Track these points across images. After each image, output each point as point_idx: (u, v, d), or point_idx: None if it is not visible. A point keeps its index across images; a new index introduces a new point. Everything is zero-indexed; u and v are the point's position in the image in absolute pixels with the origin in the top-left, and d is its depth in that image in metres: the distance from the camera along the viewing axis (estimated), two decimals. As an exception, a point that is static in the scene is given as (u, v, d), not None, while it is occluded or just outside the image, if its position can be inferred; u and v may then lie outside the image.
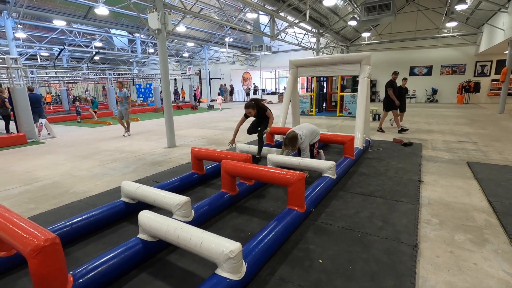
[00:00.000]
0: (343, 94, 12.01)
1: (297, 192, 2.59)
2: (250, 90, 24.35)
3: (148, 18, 5.90)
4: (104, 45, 18.67)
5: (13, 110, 7.60)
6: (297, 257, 2.14)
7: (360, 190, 3.53)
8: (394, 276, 1.95)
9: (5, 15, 9.93)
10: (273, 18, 10.65)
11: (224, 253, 1.62)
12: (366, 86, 5.75)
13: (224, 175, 2.98)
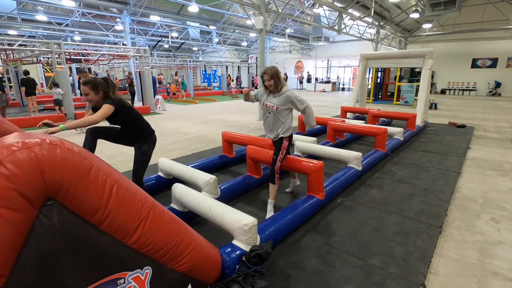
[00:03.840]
0: (401, 84, 12.94)
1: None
2: (303, 78, 25.65)
3: (254, 20, 7.77)
4: (179, 34, 21.38)
5: (141, 88, 10.21)
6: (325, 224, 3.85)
7: (420, 149, 5.07)
8: (444, 182, 3.57)
9: (125, 13, 12.67)
10: (341, 14, 11.93)
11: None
12: (428, 77, 7.03)
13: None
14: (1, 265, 0.87)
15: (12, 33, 17.63)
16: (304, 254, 2.16)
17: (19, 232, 0.90)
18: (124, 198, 1.19)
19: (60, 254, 1.00)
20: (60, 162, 0.98)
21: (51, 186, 0.96)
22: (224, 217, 2.02)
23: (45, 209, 0.96)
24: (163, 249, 1.36)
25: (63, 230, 1.01)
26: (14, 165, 0.89)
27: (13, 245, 0.89)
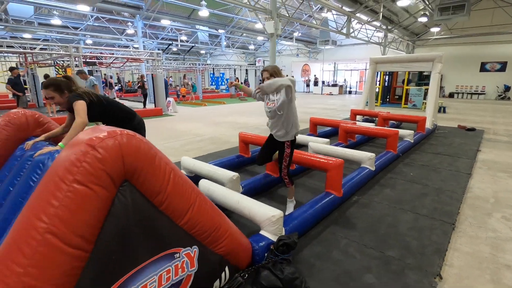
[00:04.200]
0: (409, 87, 13.00)
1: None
2: (310, 81, 25.79)
3: (266, 25, 7.98)
4: (188, 38, 21.74)
5: (154, 90, 10.47)
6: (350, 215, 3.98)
7: (430, 151, 5.17)
8: (456, 182, 3.68)
9: (138, 18, 13.00)
10: (349, 19, 12.08)
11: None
12: (437, 81, 7.12)
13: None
14: (91, 234, 1.05)
15: (27, 36, 18.15)
16: (325, 246, 2.31)
17: (104, 206, 1.08)
18: (179, 184, 1.36)
19: (131, 228, 1.17)
20: (135, 149, 1.16)
21: (128, 170, 1.14)
22: (252, 210, 2.18)
23: (122, 189, 1.14)
24: (206, 232, 1.52)
25: (134, 208, 1.18)
26: (104, 150, 1.07)
27: (99, 217, 1.07)
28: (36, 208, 0.99)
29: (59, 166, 1.05)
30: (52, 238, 0.96)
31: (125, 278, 1.14)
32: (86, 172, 1.03)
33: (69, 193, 1.00)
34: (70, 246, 0.99)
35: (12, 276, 0.91)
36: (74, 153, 1.05)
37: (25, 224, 0.98)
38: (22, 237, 0.96)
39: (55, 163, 1.09)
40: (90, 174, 1.04)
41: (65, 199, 0.99)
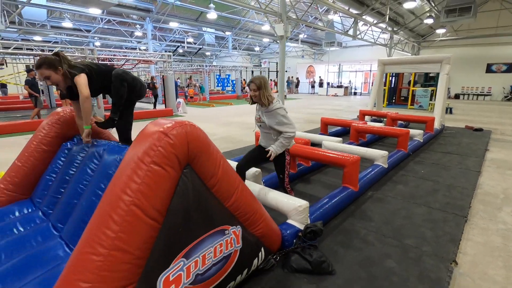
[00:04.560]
0: (415, 89, 13.11)
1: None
2: (315, 82, 25.92)
3: (276, 28, 8.17)
4: (195, 40, 22.01)
5: (164, 91, 10.70)
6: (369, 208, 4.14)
7: (440, 150, 5.31)
8: (466, 179, 3.82)
9: (147, 20, 13.28)
10: (356, 21, 12.24)
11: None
12: (445, 82, 7.25)
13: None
14: (163, 208, 1.23)
15: (37, 38, 18.54)
16: (346, 235, 2.48)
17: (173, 185, 1.27)
18: (227, 170, 1.55)
19: (190, 206, 1.36)
20: (197, 137, 1.35)
21: (190, 155, 1.33)
22: (279, 201, 2.36)
23: (185, 171, 1.33)
24: (246, 215, 1.70)
25: (193, 189, 1.37)
26: (175, 136, 1.26)
27: (169, 195, 1.26)
28: (121, 184, 1.18)
29: (138, 150, 1.24)
30: (136, 209, 1.15)
31: (188, 248, 1.33)
32: (161, 155, 1.22)
33: (148, 172, 1.19)
34: (149, 217, 1.18)
35: (107, 240, 1.10)
36: (150, 139, 1.24)
37: (114, 197, 1.16)
38: (112, 208, 1.14)
39: (133, 147, 1.28)
40: (164, 156, 1.23)
41: (145, 177, 1.18)
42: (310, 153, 3.39)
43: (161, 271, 1.23)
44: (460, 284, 1.92)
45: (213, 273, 1.44)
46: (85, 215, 1.57)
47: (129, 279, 1.13)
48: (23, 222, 1.82)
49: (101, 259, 1.07)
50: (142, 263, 1.17)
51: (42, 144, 2.20)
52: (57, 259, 1.48)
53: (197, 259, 1.35)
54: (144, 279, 1.17)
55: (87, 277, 1.05)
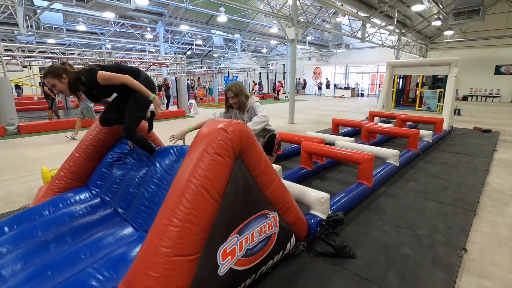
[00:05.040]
0: (423, 90, 13.22)
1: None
2: (322, 84, 26.09)
3: (287, 31, 8.41)
4: (204, 42, 22.38)
5: (177, 92, 11.02)
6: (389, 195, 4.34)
7: (448, 150, 5.49)
8: (474, 177, 4.01)
9: (160, 24, 13.65)
10: (365, 24, 12.42)
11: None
12: (454, 84, 7.40)
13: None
14: (222, 191, 1.48)
15: (51, 41, 19.08)
16: (363, 226, 2.70)
17: (229, 173, 1.53)
18: (267, 164, 1.80)
19: (240, 191, 1.60)
20: (246, 134, 1.61)
21: (242, 148, 1.59)
22: (302, 194, 2.59)
23: (237, 162, 1.59)
24: (281, 203, 1.94)
25: (243, 177, 1.62)
26: (232, 132, 1.52)
27: (226, 180, 1.51)
28: (190, 170, 1.43)
29: (202, 142, 1.49)
30: (203, 190, 1.40)
31: (241, 226, 1.58)
32: (222, 147, 1.47)
33: (212, 160, 1.44)
34: (212, 198, 1.43)
35: (182, 214, 1.34)
36: (213, 134, 1.50)
37: (185, 181, 1.41)
38: (184, 189, 1.39)
39: (198, 139, 1.54)
40: (224, 148, 1.48)
41: (209, 164, 1.43)
42: (326, 151, 3.62)
43: (220, 244, 1.48)
44: (469, 268, 2.13)
45: (258, 249, 1.69)
46: (145, 201, 1.83)
47: (197, 248, 1.38)
48: (87, 207, 2.09)
49: (178, 229, 1.32)
50: (206, 236, 1.41)
51: (97, 138, 2.48)
52: (128, 236, 1.75)
53: (247, 236, 1.60)
54: (208, 249, 1.42)
55: (167, 243, 1.30)
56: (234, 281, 1.58)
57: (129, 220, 1.89)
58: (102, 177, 2.37)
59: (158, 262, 1.29)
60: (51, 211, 2.11)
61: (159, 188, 1.87)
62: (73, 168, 2.47)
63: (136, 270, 1.32)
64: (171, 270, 1.29)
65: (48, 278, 1.46)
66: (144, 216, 1.82)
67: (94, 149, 2.51)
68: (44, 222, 1.93)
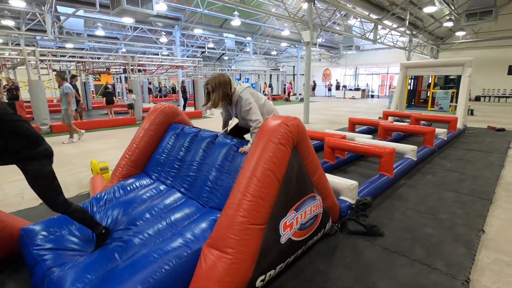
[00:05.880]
0: (435, 91, 13.33)
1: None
2: (332, 85, 26.27)
3: (302, 34, 8.73)
4: (215, 45, 22.87)
5: (194, 94, 11.42)
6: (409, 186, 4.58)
7: (463, 148, 5.69)
8: (490, 171, 4.23)
9: (176, 28, 14.14)
10: (376, 26, 12.64)
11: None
12: (467, 84, 7.58)
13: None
14: (282, 173, 1.80)
15: (69, 46, 19.84)
16: (387, 211, 2.98)
17: (288, 159, 1.84)
18: (314, 155, 2.13)
19: (295, 175, 1.92)
20: (302, 128, 1.94)
21: (298, 140, 1.91)
22: (332, 181, 2.89)
23: (293, 152, 1.91)
24: (323, 189, 2.26)
25: (297, 165, 1.94)
26: (292, 126, 1.85)
27: (286, 165, 1.83)
28: (258, 155, 1.76)
29: (268, 133, 1.82)
30: (270, 172, 1.72)
31: (297, 204, 1.90)
32: (285, 137, 1.80)
33: (277, 148, 1.77)
34: (277, 179, 1.75)
35: (253, 191, 1.66)
36: (276, 126, 1.82)
37: (255, 164, 1.73)
38: (254, 170, 1.71)
39: (263, 131, 1.85)
40: (286, 139, 1.81)
41: (275, 152, 1.76)
42: (349, 146, 3.92)
43: (281, 218, 1.80)
44: (487, 245, 2.39)
45: (309, 225, 2.01)
46: (207, 182, 2.19)
47: (264, 219, 1.70)
48: (152, 189, 2.44)
49: (251, 203, 1.65)
50: (271, 210, 1.73)
51: (150, 130, 2.85)
52: (196, 211, 2.09)
53: (301, 213, 1.92)
54: (272, 221, 1.74)
55: (242, 213, 1.63)
56: (291, 250, 1.91)
57: (195, 198, 2.23)
58: (159, 163, 2.72)
59: (237, 228, 1.61)
60: (122, 194, 2.46)
61: (220, 172, 2.21)
62: (132, 157, 2.83)
63: (218, 234, 1.64)
64: (247, 235, 1.62)
65: (143, 244, 1.81)
66: (209, 195, 2.16)
67: (149, 140, 2.88)
68: (120, 203, 2.29)
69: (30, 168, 1.69)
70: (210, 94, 2.26)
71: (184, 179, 2.40)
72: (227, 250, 1.57)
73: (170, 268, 1.58)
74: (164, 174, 2.60)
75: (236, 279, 1.55)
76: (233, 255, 1.55)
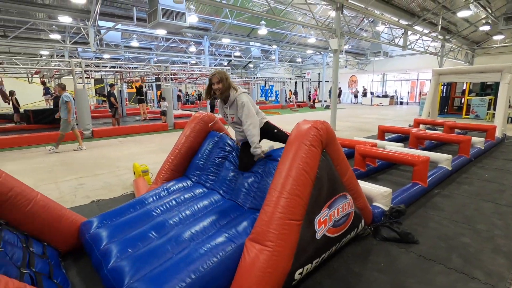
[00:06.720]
0: (471, 98, 12.72)
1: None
2: (358, 92, 25.81)
3: (330, 42, 8.79)
4: (242, 54, 23.43)
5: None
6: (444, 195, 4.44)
7: (502, 157, 5.44)
8: (532, 181, 4.03)
9: (205, 38, 14.75)
10: (406, 32, 12.38)
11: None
12: (507, 91, 7.22)
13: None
14: (315, 173, 1.92)
15: (106, 56, 21.26)
16: (421, 219, 2.97)
17: (318, 160, 1.96)
18: (343, 157, 2.23)
19: (326, 175, 2.03)
20: (331, 131, 2.06)
21: (327, 142, 2.04)
22: (365, 188, 2.94)
23: (323, 153, 2.03)
24: (353, 190, 2.34)
25: (327, 164, 2.05)
26: (321, 129, 1.98)
27: (317, 165, 1.95)
28: (292, 156, 1.90)
29: (300, 136, 1.96)
30: (304, 173, 1.85)
31: (330, 202, 2.01)
32: (315, 140, 1.93)
33: (308, 150, 1.90)
34: (310, 178, 1.88)
35: (289, 189, 1.80)
36: (307, 130, 1.96)
37: (289, 165, 1.88)
38: (288, 172, 1.85)
39: (295, 136, 1.99)
40: (316, 141, 1.94)
41: (307, 153, 1.89)
42: (381, 154, 3.93)
43: (316, 214, 1.92)
44: (530, 258, 2.33)
45: (342, 222, 2.11)
46: (244, 184, 2.36)
47: (300, 216, 1.83)
48: (193, 191, 2.65)
49: (288, 200, 1.78)
50: (306, 208, 1.86)
51: (190, 137, 3.08)
52: (235, 210, 2.26)
53: (334, 210, 2.03)
54: (308, 217, 1.87)
55: (280, 210, 1.76)
56: (326, 246, 2.01)
57: (233, 199, 2.40)
58: (199, 167, 2.94)
59: (276, 223, 1.75)
60: (166, 194, 2.70)
61: (255, 176, 2.38)
62: (175, 161, 3.07)
63: (259, 230, 1.79)
64: (286, 230, 1.75)
65: (191, 239, 2.01)
66: (246, 196, 2.33)
67: (189, 146, 3.11)
68: (165, 203, 2.52)
69: None
70: (211, 86, 2.41)
71: (223, 182, 2.59)
72: (267, 243, 1.71)
73: (218, 260, 1.75)
74: (203, 178, 2.80)
75: (276, 270, 1.69)
76: (273, 248, 1.69)
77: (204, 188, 2.72)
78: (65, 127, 6.42)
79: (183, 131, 3.23)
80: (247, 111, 2.37)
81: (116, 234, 2.21)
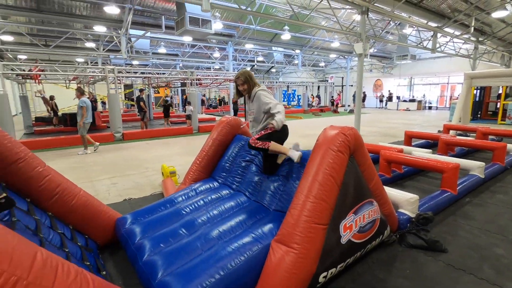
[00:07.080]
0: (507, 102, 11.99)
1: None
2: (384, 97, 25.08)
3: (355, 46, 8.69)
4: (265, 59, 23.64)
5: (245, 105, 11.97)
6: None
7: (543, 166, 5.09)
8: None
9: (229, 44, 15.08)
10: (436, 34, 11.94)
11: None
12: (548, 95, 6.76)
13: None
14: (341, 178, 1.96)
15: (135, 62, 22.30)
16: (451, 228, 2.88)
17: (345, 166, 2.00)
18: (370, 163, 2.24)
19: (352, 181, 2.06)
20: (358, 137, 2.09)
21: (354, 148, 2.06)
22: (391, 194, 2.91)
23: (350, 159, 2.06)
24: (379, 196, 2.34)
25: (354, 171, 2.08)
26: (349, 135, 2.02)
27: (344, 171, 1.99)
28: (319, 161, 1.95)
29: (327, 141, 2.00)
30: (331, 178, 1.90)
31: (356, 208, 2.04)
32: (342, 146, 1.97)
33: (336, 155, 1.94)
34: (336, 184, 1.92)
35: (316, 194, 1.85)
36: (335, 136, 2.00)
37: (316, 170, 1.93)
38: (315, 176, 1.91)
39: (322, 141, 2.04)
40: (343, 147, 1.97)
41: (334, 159, 1.93)
42: (408, 160, 3.85)
43: (342, 219, 1.95)
44: None
45: (367, 228, 2.12)
46: (270, 187, 2.44)
47: (326, 220, 1.87)
48: (219, 192, 2.77)
49: (314, 204, 1.83)
50: (332, 212, 1.90)
51: (217, 140, 3.22)
52: (261, 211, 2.35)
53: (360, 216, 2.05)
54: (333, 222, 1.90)
55: (307, 213, 1.82)
56: (351, 251, 2.03)
57: (259, 201, 2.49)
58: (225, 169, 3.06)
59: (302, 226, 1.81)
60: (194, 195, 2.84)
61: (281, 179, 2.45)
62: (202, 163, 3.22)
63: (285, 232, 1.85)
64: (311, 233, 1.80)
65: (219, 237, 2.11)
66: (272, 199, 2.40)
67: (216, 148, 3.24)
68: (194, 203, 2.65)
69: None
70: (237, 87, 2.63)
71: (249, 184, 2.68)
72: (293, 245, 1.77)
73: (245, 258, 1.83)
74: (230, 179, 2.91)
75: (301, 272, 1.74)
76: (299, 250, 1.75)
77: (230, 189, 2.82)
78: (81, 130, 6.70)
79: (210, 134, 3.38)
80: (264, 97, 2.50)
81: (149, 230, 2.36)
